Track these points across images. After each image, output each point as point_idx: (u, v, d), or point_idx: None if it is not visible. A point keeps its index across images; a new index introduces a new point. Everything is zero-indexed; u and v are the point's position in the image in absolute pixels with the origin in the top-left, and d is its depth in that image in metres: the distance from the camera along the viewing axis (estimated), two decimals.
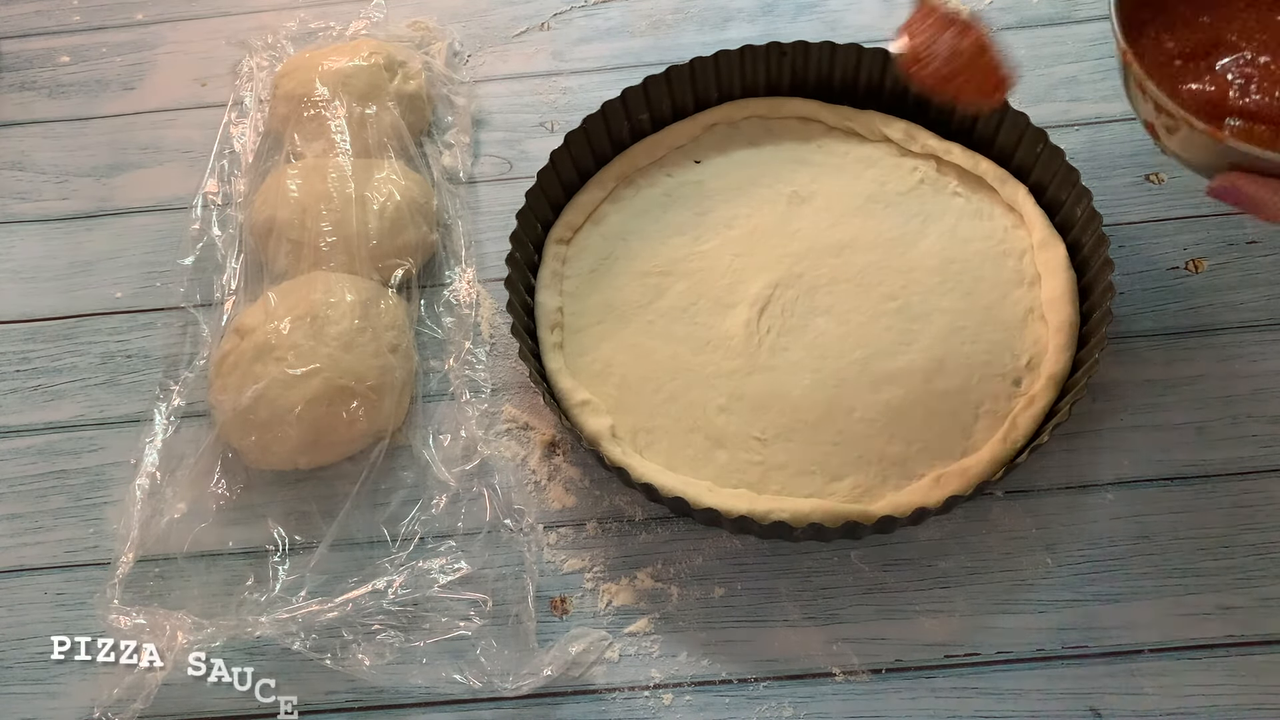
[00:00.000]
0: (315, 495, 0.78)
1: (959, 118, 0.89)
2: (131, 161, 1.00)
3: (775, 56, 0.91)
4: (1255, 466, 0.75)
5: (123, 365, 0.87)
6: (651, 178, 0.89)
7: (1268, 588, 0.70)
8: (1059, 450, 0.76)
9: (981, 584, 0.72)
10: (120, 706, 0.68)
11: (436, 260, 0.90)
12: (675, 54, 1.01)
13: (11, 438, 0.84)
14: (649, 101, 0.90)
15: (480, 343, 0.85)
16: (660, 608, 0.72)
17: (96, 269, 0.93)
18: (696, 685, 0.69)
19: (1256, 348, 0.80)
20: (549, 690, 0.69)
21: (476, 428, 0.80)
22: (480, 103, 1.01)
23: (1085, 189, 0.81)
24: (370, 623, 0.70)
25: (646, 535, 0.75)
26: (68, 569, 0.77)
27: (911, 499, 0.71)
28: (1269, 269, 0.84)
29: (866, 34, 1.02)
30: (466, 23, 1.08)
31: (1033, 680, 0.68)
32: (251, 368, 0.77)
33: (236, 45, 1.05)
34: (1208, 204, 0.88)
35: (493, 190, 0.95)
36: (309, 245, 0.84)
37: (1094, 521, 0.73)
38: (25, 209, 0.97)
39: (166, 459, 0.78)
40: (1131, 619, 0.69)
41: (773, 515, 0.70)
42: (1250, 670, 0.67)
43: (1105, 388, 0.79)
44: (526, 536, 0.75)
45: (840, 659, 0.69)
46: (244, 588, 0.73)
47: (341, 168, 0.88)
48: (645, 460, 0.74)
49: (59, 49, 1.10)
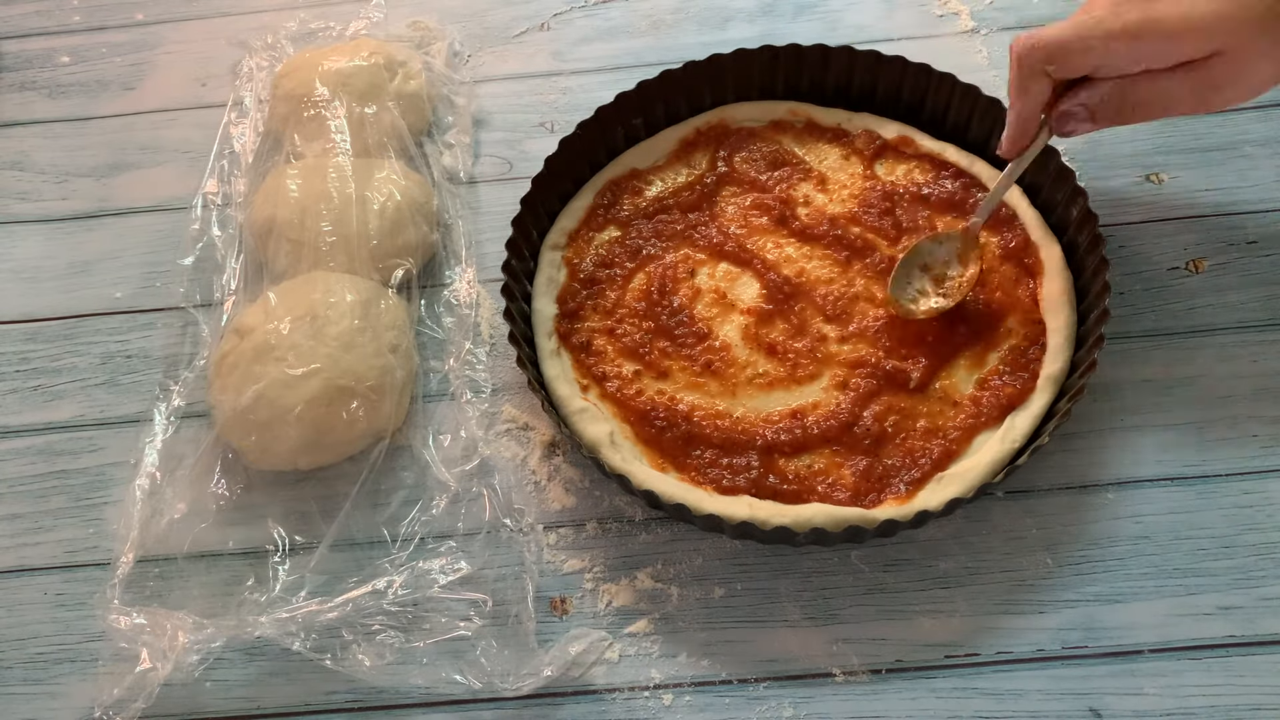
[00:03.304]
0: (315, 495, 0.78)
1: (952, 120, 0.89)
2: (131, 161, 1.00)
3: (768, 59, 0.91)
4: (1255, 467, 0.75)
5: (123, 365, 0.87)
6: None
7: (1268, 588, 0.70)
8: (1059, 450, 0.76)
9: (981, 584, 0.72)
10: (120, 706, 0.67)
11: (437, 260, 0.90)
12: (675, 54, 1.01)
13: (11, 438, 0.84)
14: (642, 105, 0.90)
15: (480, 343, 0.85)
16: (660, 608, 0.72)
17: (96, 269, 0.93)
18: (696, 685, 0.69)
19: (1256, 348, 0.80)
20: (549, 690, 0.69)
21: (476, 428, 0.80)
22: (480, 103, 1.01)
23: (1081, 189, 0.81)
24: (370, 623, 0.70)
25: (646, 536, 0.75)
26: (68, 569, 0.77)
27: (913, 502, 0.71)
28: (1269, 269, 0.84)
29: (867, 34, 1.02)
30: (466, 23, 1.08)
31: (1033, 680, 0.68)
32: (251, 368, 0.77)
33: (236, 45, 1.06)
34: (1208, 204, 0.88)
35: (493, 190, 0.95)
36: (309, 245, 0.84)
37: (1094, 521, 0.73)
38: (25, 209, 0.97)
39: (166, 459, 0.78)
40: (1131, 619, 0.69)
41: (774, 521, 0.70)
42: (1250, 670, 0.67)
43: (1105, 388, 0.79)
44: (526, 537, 0.75)
45: (840, 659, 0.69)
46: (244, 588, 0.73)
47: (341, 168, 0.88)
48: (644, 466, 0.74)
49: (59, 49, 1.10)
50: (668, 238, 0.86)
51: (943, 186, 0.86)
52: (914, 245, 0.82)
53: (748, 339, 0.80)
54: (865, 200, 0.86)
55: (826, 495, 0.73)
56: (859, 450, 0.74)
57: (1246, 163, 0.90)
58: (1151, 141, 0.92)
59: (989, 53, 1.00)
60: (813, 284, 0.82)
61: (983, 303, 0.80)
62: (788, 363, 0.79)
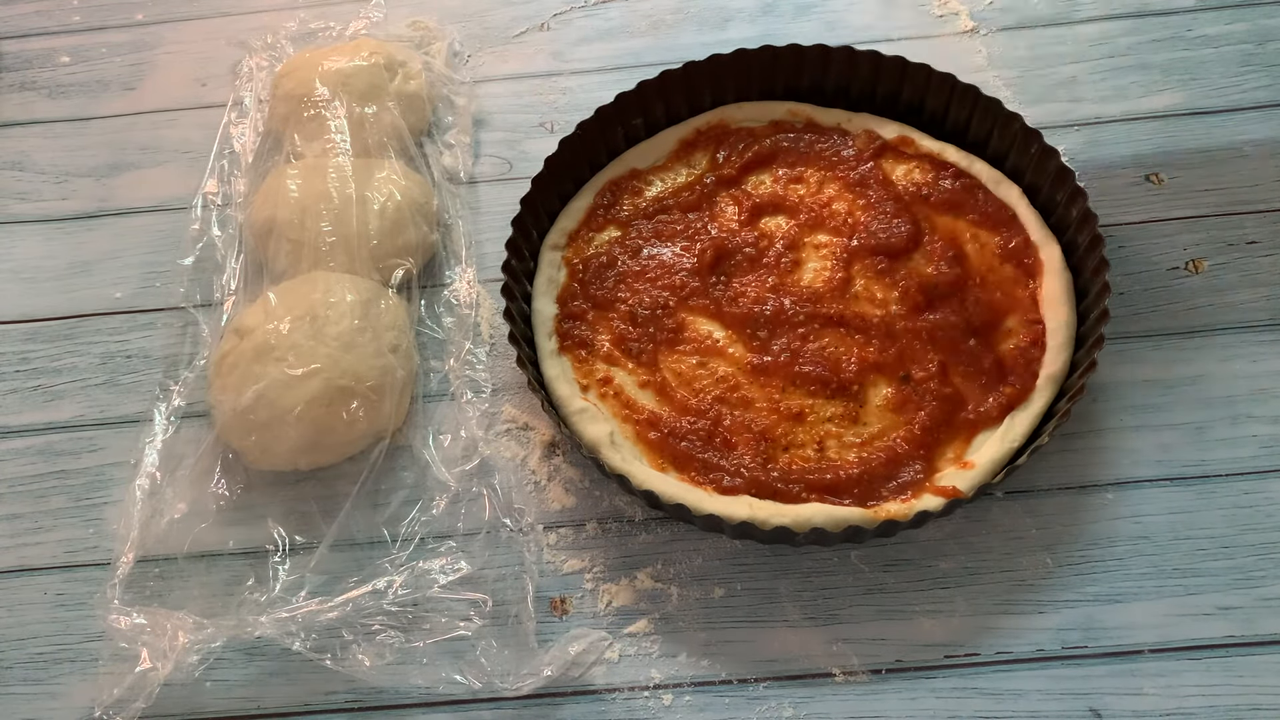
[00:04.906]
0: (315, 495, 0.78)
1: (952, 120, 0.89)
2: (131, 161, 1.00)
3: (768, 59, 0.91)
4: (1255, 466, 0.75)
5: (123, 365, 0.87)
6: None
7: (1268, 588, 0.70)
8: (1059, 450, 0.76)
9: (981, 584, 0.72)
10: (120, 706, 0.68)
11: (437, 260, 0.90)
12: (675, 54, 1.01)
13: (11, 438, 0.84)
14: (642, 105, 0.90)
15: (480, 343, 0.85)
16: (660, 608, 0.72)
17: (96, 269, 0.93)
18: (696, 685, 0.69)
19: (1256, 348, 0.80)
20: (549, 690, 0.69)
21: (476, 428, 0.80)
22: (480, 103, 1.01)
23: (1080, 189, 0.81)
24: (370, 623, 0.70)
25: (646, 536, 0.75)
26: (68, 569, 0.77)
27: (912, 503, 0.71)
28: (1269, 269, 0.84)
29: (867, 34, 1.02)
30: (466, 23, 1.08)
31: (1033, 680, 0.68)
32: (251, 368, 0.77)
33: (236, 45, 1.06)
34: (1208, 204, 0.88)
35: (493, 190, 0.95)
36: (309, 245, 0.84)
37: (1094, 521, 0.73)
38: (25, 209, 0.97)
39: (166, 459, 0.78)
40: (1131, 619, 0.69)
41: (774, 521, 0.70)
42: (1249, 670, 0.67)
43: (1105, 388, 0.79)
44: (526, 537, 0.75)
45: (840, 659, 0.69)
46: (244, 588, 0.73)
47: (341, 168, 0.88)
48: (644, 466, 0.74)
49: (59, 49, 1.10)
50: (668, 238, 0.86)
51: (942, 187, 0.86)
52: None
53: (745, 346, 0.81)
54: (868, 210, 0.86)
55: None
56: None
57: (1246, 163, 0.90)
58: (1151, 141, 0.92)
59: (989, 53, 1.00)
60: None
61: (983, 303, 0.80)
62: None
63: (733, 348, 0.80)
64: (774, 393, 0.77)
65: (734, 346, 0.80)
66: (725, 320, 0.81)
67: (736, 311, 0.81)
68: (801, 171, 0.89)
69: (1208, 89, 0.95)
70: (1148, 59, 0.98)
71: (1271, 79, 0.95)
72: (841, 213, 0.86)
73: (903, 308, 0.80)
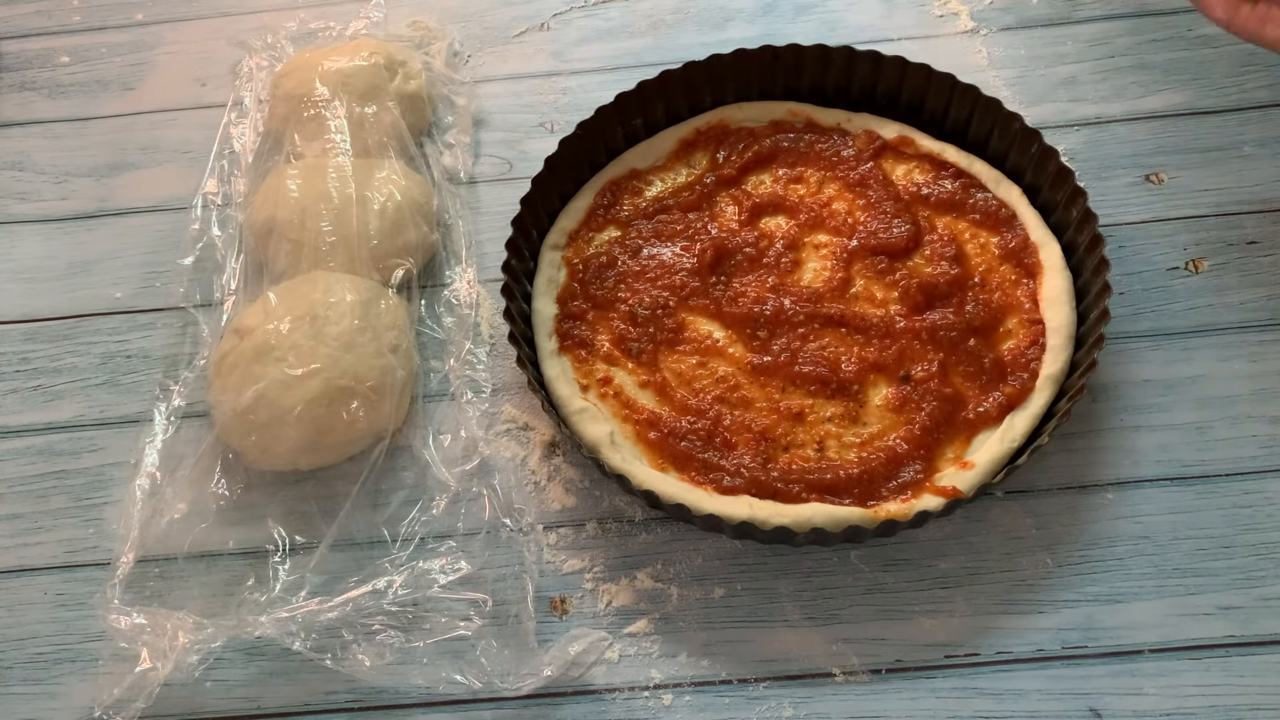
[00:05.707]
0: (315, 495, 0.78)
1: (952, 119, 0.89)
2: (131, 161, 1.00)
3: (768, 59, 0.91)
4: (1255, 466, 0.75)
5: (123, 365, 0.87)
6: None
7: (1268, 588, 0.70)
8: (1059, 450, 0.76)
9: (981, 584, 0.72)
10: (120, 706, 0.68)
11: (437, 260, 0.90)
12: (675, 54, 1.01)
13: (11, 438, 0.84)
14: (642, 105, 0.90)
15: (480, 343, 0.85)
16: (660, 608, 0.72)
17: (96, 269, 0.93)
18: (696, 685, 0.69)
19: (1256, 348, 0.80)
20: (549, 690, 0.69)
21: (476, 428, 0.80)
22: (480, 103, 1.01)
23: (1080, 189, 0.81)
24: (370, 623, 0.70)
25: (646, 536, 0.75)
26: (68, 569, 0.77)
27: (912, 503, 0.71)
28: (1269, 269, 0.84)
29: (867, 34, 1.02)
30: (466, 23, 1.08)
31: (1033, 680, 0.68)
32: (251, 368, 0.77)
33: (236, 45, 1.06)
34: (1208, 204, 0.88)
35: (493, 190, 0.95)
36: (309, 245, 0.84)
37: (1094, 521, 0.73)
38: (25, 209, 0.97)
39: (166, 459, 0.78)
40: (1131, 619, 0.69)
41: (774, 521, 0.70)
42: (1249, 670, 0.67)
43: (1105, 388, 0.79)
44: (526, 537, 0.75)
45: (840, 659, 0.69)
46: (244, 588, 0.73)
47: (341, 168, 0.88)
48: (644, 466, 0.74)
49: (59, 49, 1.10)
50: (668, 238, 0.86)
51: (942, 187, 0.86)
52: None
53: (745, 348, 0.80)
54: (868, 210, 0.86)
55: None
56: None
57: (1246, 163, 0.90)
58: (1152, 141, 0.92)
59: (989, 53, 1.00)
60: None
61: (983, 303, 0.80)
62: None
63: (733, 348, 0.80)
64: (774, 393, 0.78)
65: (734, 346, 0.80)
66: (725, 320, 0.81)
67: (736, 311, 0.81)
68: (801, 171, 0.89)
69: (1208, 89, 0.95)
70: (1148, 59, 0.98)
71: (1271, 79, 0.95)
72: (841, 213, 0.86)
73: (903, 307, 0.80)
